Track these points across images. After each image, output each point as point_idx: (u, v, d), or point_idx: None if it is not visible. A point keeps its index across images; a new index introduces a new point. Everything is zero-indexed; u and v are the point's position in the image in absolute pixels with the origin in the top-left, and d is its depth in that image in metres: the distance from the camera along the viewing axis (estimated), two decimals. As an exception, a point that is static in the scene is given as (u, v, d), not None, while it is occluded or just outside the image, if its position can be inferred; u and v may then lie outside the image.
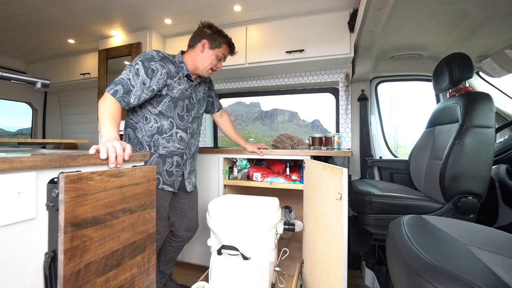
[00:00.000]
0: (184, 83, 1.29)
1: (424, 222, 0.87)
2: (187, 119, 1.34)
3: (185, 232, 1.47)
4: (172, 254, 1.51)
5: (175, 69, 1.25)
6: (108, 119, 0.96)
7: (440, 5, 1.24)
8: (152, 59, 1.16)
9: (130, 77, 1.10)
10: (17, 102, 3.22)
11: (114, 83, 1.09)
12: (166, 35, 2.36)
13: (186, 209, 1.45)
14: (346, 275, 0.94)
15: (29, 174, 0.53)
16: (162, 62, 1.19)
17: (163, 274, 1.52)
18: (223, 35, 1.32)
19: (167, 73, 1.20)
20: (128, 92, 1.09)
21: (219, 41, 1.30)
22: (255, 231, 1.13)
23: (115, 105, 1.04)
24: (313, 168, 1.31)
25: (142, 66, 1.13)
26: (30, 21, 2.16)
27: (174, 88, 1.25)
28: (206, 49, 1.29)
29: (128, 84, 1.09)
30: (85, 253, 0.58)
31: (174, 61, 1.28)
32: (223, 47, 1.32)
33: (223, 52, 1.33)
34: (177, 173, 1.34)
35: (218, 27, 1.34)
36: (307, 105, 2.58)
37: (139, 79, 1.11)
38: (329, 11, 1.86)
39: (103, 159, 0.71)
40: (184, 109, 1.31)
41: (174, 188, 1.34)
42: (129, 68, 1.12)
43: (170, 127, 1.27)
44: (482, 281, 0.49)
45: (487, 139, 1.19)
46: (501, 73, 1.56)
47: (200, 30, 1.31)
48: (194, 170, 1.46)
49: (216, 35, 1.30)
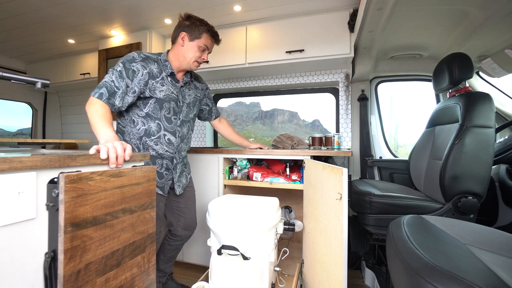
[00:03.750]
0: (168, 83, 1.26)
1: (424, 222, 0.87)
2: (175, 122, 1.31)
3: (183, 231, 1.47)
4: (171, 253, 1.51)
5: (157, 68, 1.23)
6: (102, 121, 0.96)
7: (440, 5, 1.24)
8: (133, 60, 1.15)
9: (114, 79, 1.09)
10: (17, 102, 3.22)
11: (97, 87, 1.07)
12: (166, 35, 2.36)
13: (182, 208, 1.46)
14: (346, 275, 0.94)
15: (29, 174, 0.53)
16: (143, 62, 1.17)
17: (163, 273, 1.52)
18: (203, 23, 1.26)
19: (148, 73, 1.18)
20: (113, 94, 1.08)
21: (198, 31, 1.24)
22: (255, 231, 1.12)
23: (103, 107, 1.04)
24: (313, 168, 1.31)
25: (123, 67, 1.12)
26: (30, 21, 2.16)
27: (157, 88, 1.22)
28: (186, 42, 1.25)
29: (112, 86, 1.08)
30: (85, 253, 0.58)
31: (159, 59, 1.26)
32: (203, 37, 1.26)
33: (204, 43, 1.27)
34: (166, 176, 1.33)
35: (198, 16, 1.28)
36: (307, 105, 2.58)
37: (123, 82, 1.10)
38: (329, 11, 1.86)
39: (104, 159, 0.71)
40: (170, 111, 1.28)
41: (163, 192, 1.32)
42: (112, 71, 1.11)
43: (157, 129, 1.25)
44: (482, 281, 0.49)
45: (487, 139, 1.19)
46: (501, 73, 1.56)
47: (179, 23, 1.27)
48: (184, 173, 1.44)
49: (195, 25, 1.24)
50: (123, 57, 1.16)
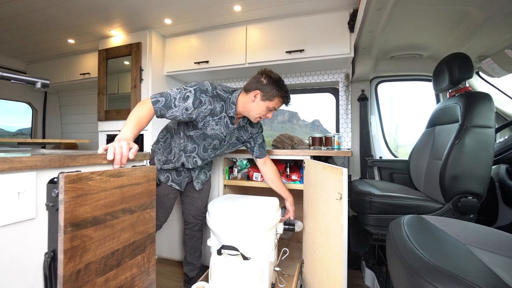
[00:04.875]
0: (222, 124, 1.29)
1: (424, 222, 0.87)
2: (210, 153, 1.38)
3: (193, 219, 1.60)
4: (191, 242, 1.62)
5: (220, 108, 1.25)
6: (134, 121, 1.01)
7: (440, 5, 1.24)
8: (205, 92, 1.20)
9: (177, 98, 1.15)
10: (17, 102, 3.22)
11: (159, 94, 1.14)
12: (166, 35, 2.36)
13: (196, 198, 1.57)
14: (346, 275, 0.94)
15: (29, 174, 0.53)
16: (212, 99, 1.22)
17: (193, 266, 1.63)
18: (279, 86, 1.23)
19: (210, 110, 1.22)
20: (168, 108, 1.13)
21: (272, 94, 1.23)
22: (255, 231, 1.12)
23: (149, 112, 1.09)
24: (313, 168, 1.31)
25: (193, 94, 1.17)
26: (30, 21, 2.15)
27: (210, 126, 1.26)
28: (257, 100, 1.24)
29: (171, 101, 1.13)
30: (85, 253, 0.58)
31: (228, 99, 1.27)
32: (275, 100, 1.25)
33: (274, 106, 1.26)
34: (185, 175, 1.47)
35: (277, 75, 1.25)
36: (307, 105, 2.57)
37: (184, 104, 1.15)
38: (329, 11, 1.86)
39: (110, 160, 0.72)
40: (211, 145, 1.34)
41: (180, 187, 1.47)
42: (181, 90, 1.17)
43: (192, 150, 1.34)
44: (482, 281, 0.49)
45: (487, 139, 1.19)
46: (501, 73, 1.56)
47: (257, 78, 1.25)
48: (204, 170, 1.56)
49: (270, 87, 1.22)
50: (198, 84, 1.21)
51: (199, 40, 2.23)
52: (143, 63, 2.21)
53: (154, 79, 2.23)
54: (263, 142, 1.52)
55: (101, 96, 2.39)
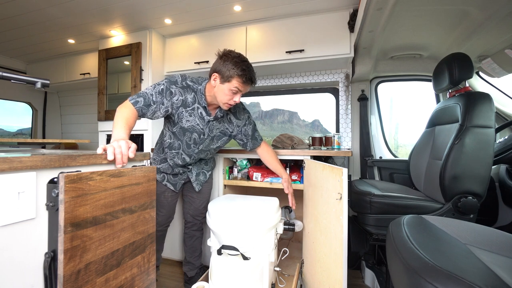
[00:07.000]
0: (197, 115, 1.27)
1: (424, 222, 0.87)
2: (193, 149, 1.36)
3: (192, 218, 1.60)
4: (190, 242, 1.62)
5: (192, 98, 1.24)
6: (122, 122, 1.00)
7: (440, 5, 1.24)
8: (175, 83, 1.22)
9: (153, 94, 1.17)
10: (17, 102, 3.22)
11: (137, 95, 1.15)
12: (166, 35, 2.36)
13: (194, 198, 1.57)
14: (346, 275, 0.93)
15: (29, 174, 0.53)
16: (182, 90, 1.23)
17: (192, 265, 1.63)
18: (234, 65, 1.14)
19: (182, 101, 1.23)
20: (148, 106, 1.15)
21: (228, 74, 1.14)
22: (255, 231, 1.12)
23: (132, 112, 1.09)
24: (313, 168, 1.31)
25: (165, 87, 1.19)
26: (30, 21, 2.15)
27: (184, 118, 1.26)
28: (217, 83, 1.18)
29: (149, 99, 1.15)
30: (85, 253, 0.58)
31: (198, 89, 1.25)
32: (234, 81, 1.15)
33: (236, 86, 1.16)
34: (181, 176, 1.46)
35: (236, 53, 1.17)
36: (307, 105, 2.57)
37: (160, 98, 1.17)
38: (329, 11, 1.86)
39: (110, 160, 0.72)
40: (191, 140, 1.33)
41: (175, 188, 1.46)
42: (154, 85, 1.20)
43: (178, 147, 1.35)
44: (482, 281, 0.49)
45: (487, 139, 1.19)
46: (501, 73, 1.56)
47: (216, 60, 1.20)
48: (203, 170, 1.54)
49: (226, 67, 1.14)
50: (169, 77, 1.24)
51: (199, 40, 2.23)
52: (143, 63, 2.21)
53: (154, 79, 2.23)
54: (255, 132, 1.46)
55: (101, 96, 2.39)
